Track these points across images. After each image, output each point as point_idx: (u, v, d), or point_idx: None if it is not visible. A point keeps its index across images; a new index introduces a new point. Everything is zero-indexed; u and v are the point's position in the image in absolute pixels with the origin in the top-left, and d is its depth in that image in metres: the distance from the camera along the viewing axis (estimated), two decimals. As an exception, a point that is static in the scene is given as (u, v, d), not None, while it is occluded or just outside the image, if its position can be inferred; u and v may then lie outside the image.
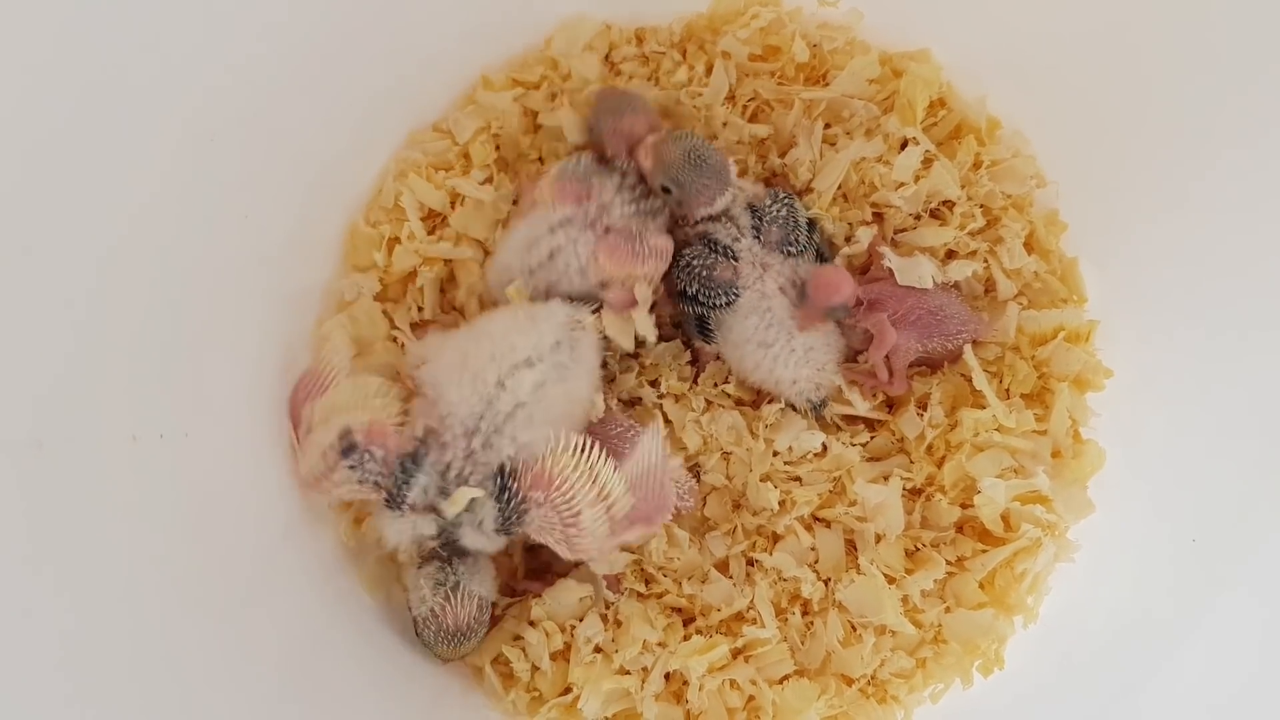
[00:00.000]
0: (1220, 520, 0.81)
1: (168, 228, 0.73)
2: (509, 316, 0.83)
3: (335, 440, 0.76)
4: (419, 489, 0.77)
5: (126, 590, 0.65)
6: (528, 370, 0.79)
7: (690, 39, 0.97)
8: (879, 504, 0.86)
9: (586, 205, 0.86)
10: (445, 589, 0.79)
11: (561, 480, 0.76)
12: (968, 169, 0.93)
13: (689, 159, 0.84)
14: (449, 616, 0.79)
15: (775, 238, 0.88)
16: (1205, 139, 0.84)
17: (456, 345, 0.82)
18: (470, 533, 0.78)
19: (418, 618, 0.81)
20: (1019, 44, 0.91)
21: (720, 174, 0.86)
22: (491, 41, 0.95)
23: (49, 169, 0.64)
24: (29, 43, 0.63)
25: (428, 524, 0.78)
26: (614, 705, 0.84)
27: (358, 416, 0.77)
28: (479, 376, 0.78)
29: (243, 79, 0.76)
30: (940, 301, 0.88)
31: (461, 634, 0.80)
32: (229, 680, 0.70)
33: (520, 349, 0.80)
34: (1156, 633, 0.81)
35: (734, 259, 0.87)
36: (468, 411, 0.78)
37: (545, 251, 0.86)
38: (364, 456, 0.76)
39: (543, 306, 0.84)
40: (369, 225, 0.91)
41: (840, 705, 0.85)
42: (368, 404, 0.78)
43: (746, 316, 0.87)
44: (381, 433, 0.77)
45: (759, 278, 0.87)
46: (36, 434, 0.62)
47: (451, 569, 0.80)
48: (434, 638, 0.80)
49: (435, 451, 0.77)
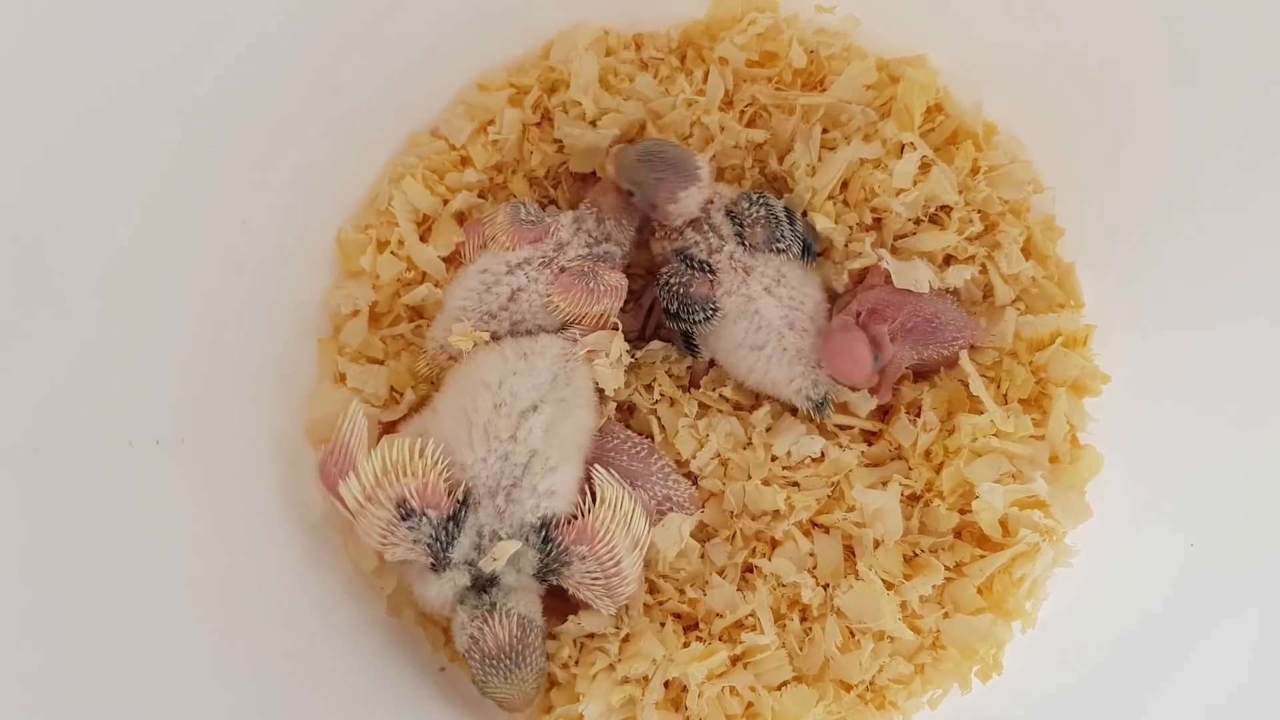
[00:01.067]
0: (1218, 525, 0.81)
1: (165, 234, 0.73)
2: (498, 360, 0.83)
3: (394, 509, 0.76)
4: (461, 550, 0.77)
5: (121, 595, 0.65)
6: (535, 416, 0.80)
7: (688, 45, 0.97)
8: (878, 510, 0.86)
9: (543, 245, 0.87)
10: (482, 610, 0.76)
11: (605, 533, 0.78)
12: (965, 174, 0.93)
13: (643, 156, 0.86)
14: (488, 638, 0.75)
15: (760, 238, 0.88)
16: (1200, 143, 0.84)
17: (453, 403, 0.82)
18: (510, 574, 0.78)
19: (463, 652, 0.77)
20: (1015, 49, 0.91)
21: (679, 167, 0.86)
22: (491, 48, 0.95)
23: (47, 176, 0.64)
24: (29, 53, 0.63)
25: (463, 576, 0.77)
26: (616, 716, 0.84)
27: (409, 482, 0.76)
28: (489, 433, 0.79)
29: (240, 85, 0.76)
30: (935, 309, 0.88)
31: (508, 658, 0.75)
32: (223, 687, 0.70)
33: (522, 395, 0.80)
34: (1155, 637, 0.81)
35: (711, 272, 0.87)
36: (487, 472, 0.78)
37: (506, 293, 0.86)
38: (421, 520, 0.76)
39: (532, 341, 0.85)
40: (358, 230, 0.91)
41: (839, 711, 0.85)
42: (414, 466, 0.76)
43: (735, 322, 0.88)
44: (436, 495, 0.77)
45: (742, 282, 0.87)
46: (33, 440, 0.62)
47: (487, 594, 0.77)
48: (481, 670, 0.75)
49: (471, 513, 0.78)
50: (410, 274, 0.91)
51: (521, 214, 0.87)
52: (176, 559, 0.70)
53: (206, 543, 0.73)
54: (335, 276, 0.91)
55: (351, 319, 0.90)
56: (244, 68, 0.76)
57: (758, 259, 0.88)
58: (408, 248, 0.91)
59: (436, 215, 0.92)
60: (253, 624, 0.75)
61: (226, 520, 0.76)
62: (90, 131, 0.66)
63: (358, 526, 0.78)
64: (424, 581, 0.78)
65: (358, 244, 0.90)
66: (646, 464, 0.86)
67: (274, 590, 0.79)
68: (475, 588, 0.77)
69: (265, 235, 0.82)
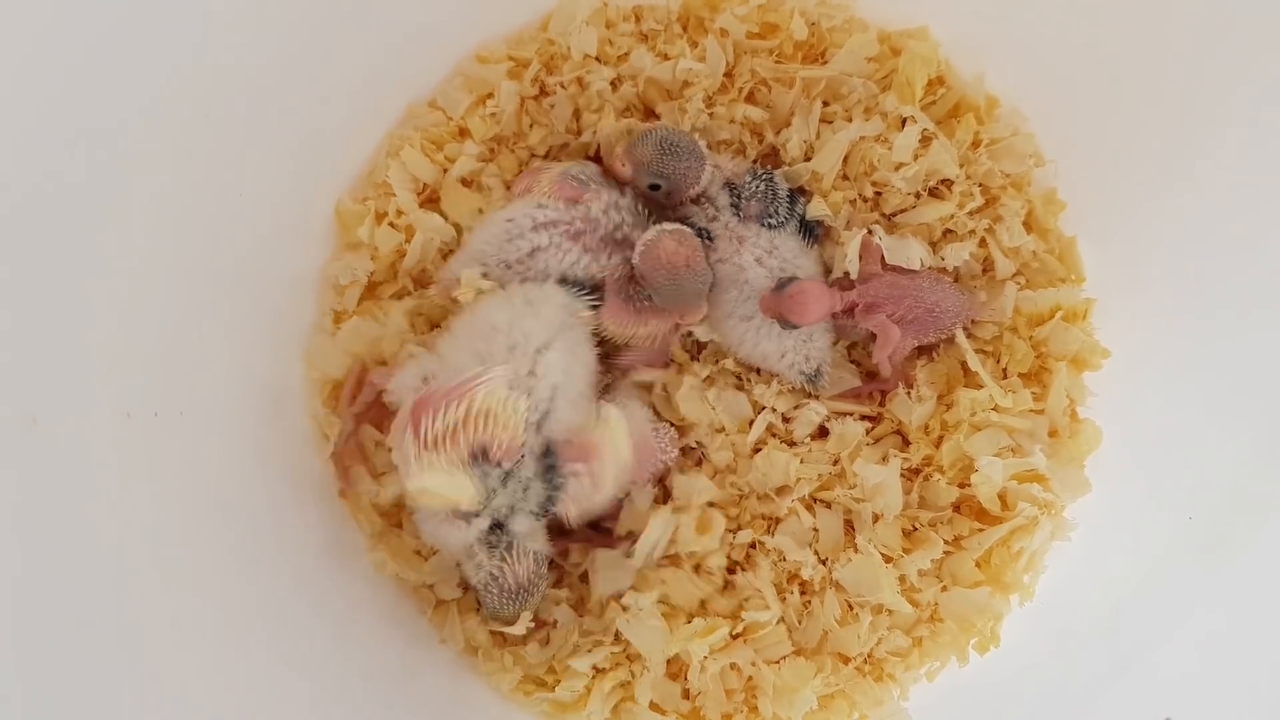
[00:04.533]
0: (1216, 498, 0.81)
1: (162, 205, 0.72)
2: (505, 305, 0.83)
3: (470, 450, 0.76)
4: (503, 499, 0.78)
5: (119, 566, 0.65)
6: (549, 353, 0.80)
7: (688, 17, 0.96)
8: (878, 484, 0.86)
9: (573, 211, 0.86)
10: (500, 550, 0.79)
11: (600, 450, 0.79)
12: (966, 148, 0.92)
13: (664, 149, 0.86)
14: (509, 576, 0.79)
15: (754, 211, 0.88)
16: (1205, 117, 0.83)
17: (464, 346, 0.82)
18: (521, 518, 0.80)
19: (478, 585, 0.81)
20: (1017, 21, 0.90)
21: (695, 153, 0.87)
22: (490, 21, 0.94)
23: (41, 145, 0.64)
24: (21, 18, 0.62)
25: (485, 520, 0.79)
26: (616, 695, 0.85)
27: (499, 434, 0.77)
28: (512, 372, 0.79)
29: (237, 55, 0.75)
30: (935, 297, 0.88)
31: (524, 590, 0.80)
32: (220, 656, 0.70)
33: (534, 335, 0.81)
34: (1152, 610, 0.82)
35: (709, 238, 0.88)
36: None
37: (527, 248, 0.86)
38: (488, 472, 0.77)
39: (538, 290, 0.84)
40: (356, 201, 0.90)
41: (837, 684, 0.85)
42: (509, 423, 0.77)
43: (725, 290, 0.88)
44: (514, 450, 0.78)
45: (735, 250, 0.88)
46: (31, 410, 0.62)
47: (504, 531, 0.80)
48: (498, 601, 0.80)
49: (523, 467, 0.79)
50: (409, 244, 0.91)
51: (574, 170, 0.88)
52: (174, 529, 0.70)
53: (204, 514, 0.73)
54: (334, 248, 0.91)
55: (349, 290, 0.90)
56: (241, 38, 0.75)
57: (750, 229, 0.88)
58: (408, 216, 0.90)
59: (438, 183, 0.92)
60: (248, 595, 0.75)
61: (224, 492, 0.76)
62: (86, 103, 0.66)
63: (399, 454, 0.79)
64: (449, 526, 0.79)
65: (356, 215, 0.89)
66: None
67: (273, 559, 0.79)
68: (493, 530, 0.79)
69: (263, 208, 0.82)
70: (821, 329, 0.89)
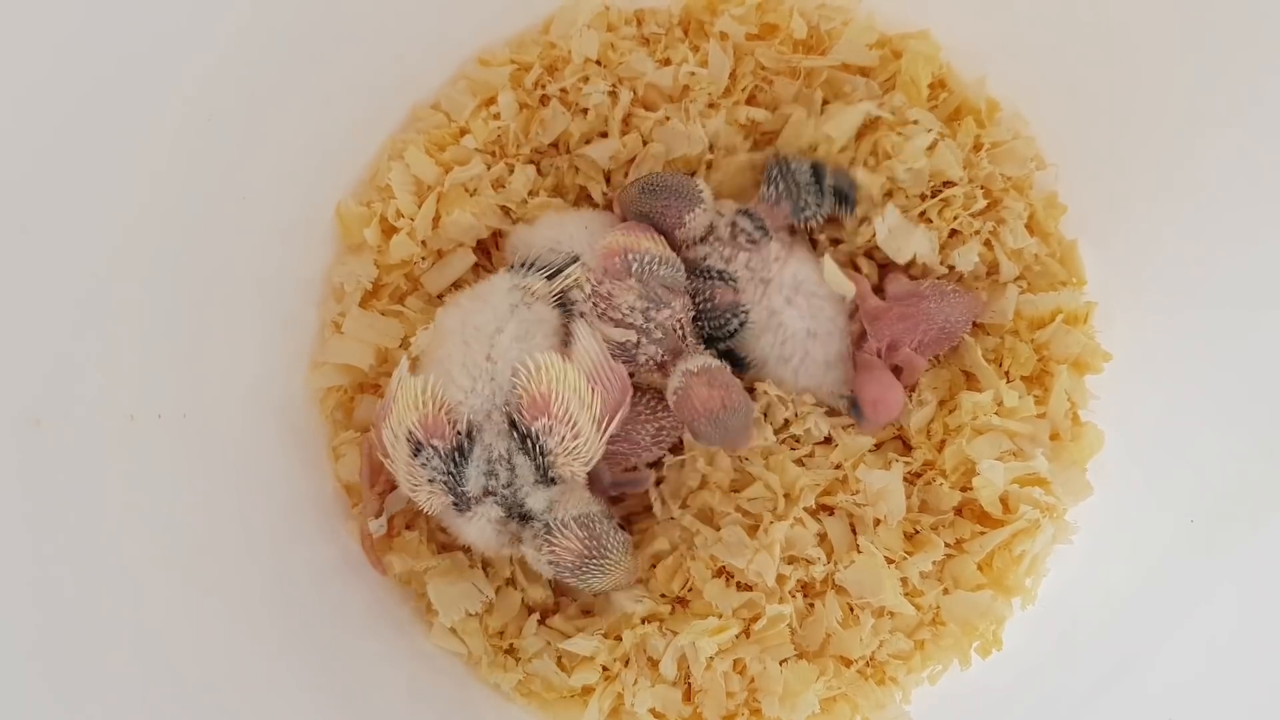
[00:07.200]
0: (1218, 501, 0.81)
1: (167, 208, 0.72)
2: (454, 310, 0.85)
3: (406, 446, 0.78)
4: (473, 481, 0.78)
5: (123, 567, 0.65)
6: (501, 335, 0.81)
7: (689, 20, 0.97)
8: (880, 489, 0.86)
9: (597, 285, 0.85)
10: (539, 535, 0.78)
11: (552, 395, 0.78)
12: (968, 151, 0.92)
13: (643, 190, 0.87)
14: (564, 555, 0.78)
15: (786, 212, 0.89)
16: (1203, 120, 0.83)
17: (430, 358, 0.84)
18: (533, 496, 0.79)
19: (556, 579, 0.81)
20: (1018, 25, 0.90)
21: (680, 192, 0.87)
22: (491, 25, 0.94)
23: (50, 149, 0.64)
24: (31, 27, 0.62)
25: (493, 509, 0.79)
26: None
27: (411, 416, 0.78)
28: (467, 364, 0.81)
29: (241, 60, 0.75)
30: (944, 315, 0.87)
31: (592, 559, 0.78)
32: (220, 655, 0.70)
33: (485, 325, 0.82)
34: (1154, 614, 0.82)
35: (732, 280, 0.87)
36: (480, 399, 0.80)
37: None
38: (429, 453, 0.78)
39: (485, 283, 0.86)
40: (359, 204, 0.90)
41: (839, 686, 0.85)
42: (417, 404, 0.78)
43: (759, 336, 0.88)
44: (438, 425, 0.78)
45: (763, 295, 0.87)
46: (35, 411, 0.62)
47: (530, 518, 0.79)
48: (581, 580, 0.79)
49: (476, 444, 0.79)
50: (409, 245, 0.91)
51: (648, 260, 0.85)
52: (178, 531, 0.70)
53: (208, 516, 0.74)
54: (337, 252, 0.91)
55: (352, 293, 0.90)
56: (245, 42, 0.75)
57: (773, 267, 0.87)
58: (408, 218, 0.90)
59: (440, 186, 0.92)
60: (252, 596, 0.75)
61: (228, 495, 0.76)
62: (93, 107, 0.66)
63: (400, 482, 0.80)
64: (459, 524, 0.80)
65: (358, 217, 0.89)
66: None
67: (275, 564, 0.79)
68: (512, 517, 0.79)
69: (267, 211, 0.82)
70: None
